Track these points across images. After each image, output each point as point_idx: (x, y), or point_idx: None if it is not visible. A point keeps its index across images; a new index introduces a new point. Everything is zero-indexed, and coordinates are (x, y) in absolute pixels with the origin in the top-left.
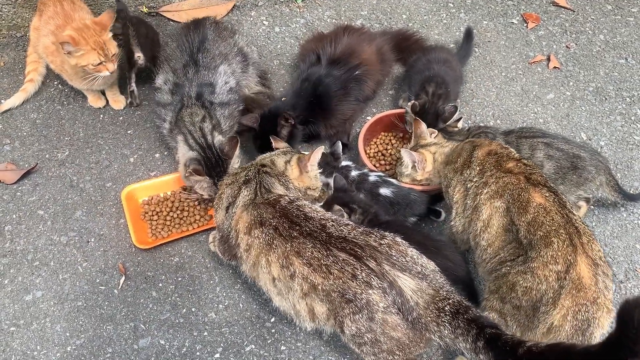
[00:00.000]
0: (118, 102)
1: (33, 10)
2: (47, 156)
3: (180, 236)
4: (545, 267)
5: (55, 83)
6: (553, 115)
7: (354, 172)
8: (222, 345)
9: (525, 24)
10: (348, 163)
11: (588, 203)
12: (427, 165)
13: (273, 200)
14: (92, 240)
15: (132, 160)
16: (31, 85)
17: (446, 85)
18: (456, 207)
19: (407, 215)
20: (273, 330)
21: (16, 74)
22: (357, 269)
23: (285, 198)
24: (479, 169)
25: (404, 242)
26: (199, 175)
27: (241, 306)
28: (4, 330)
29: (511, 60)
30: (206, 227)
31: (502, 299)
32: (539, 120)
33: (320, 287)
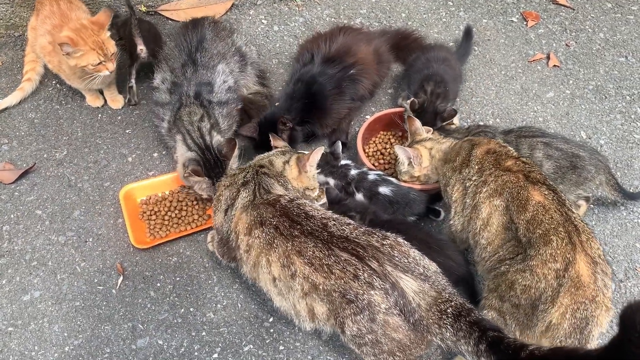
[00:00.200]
0: (116, 102)
1: (31, 9)
2: (45, 156)
3: (178, 236)
4: (544, 265)
5: (53, 82)
6: (553, 113)
7: (353, 171)
8: (221, 345)
9: (524, 22)
10: (347, 162)
11: (588, 202)
12: (424, 160)
13: (273, 200)
14: (90, 240)
15: (131, 159)
16: (29, 84)
17: (445, 83)
18: (455, 206)
19: (407, 214)
20: (271, 330)
21: (14, 74)
22: (359, 270)
23: (285, 197)
24: (478, 168)
25: (406, 243)
26: (198, 175)
27: (239, 306)
28: (2, 330)
29: (511, 58)
30: (204, 227)
31: (501, 298)
32: (539, 118)
33: (321, 287)
